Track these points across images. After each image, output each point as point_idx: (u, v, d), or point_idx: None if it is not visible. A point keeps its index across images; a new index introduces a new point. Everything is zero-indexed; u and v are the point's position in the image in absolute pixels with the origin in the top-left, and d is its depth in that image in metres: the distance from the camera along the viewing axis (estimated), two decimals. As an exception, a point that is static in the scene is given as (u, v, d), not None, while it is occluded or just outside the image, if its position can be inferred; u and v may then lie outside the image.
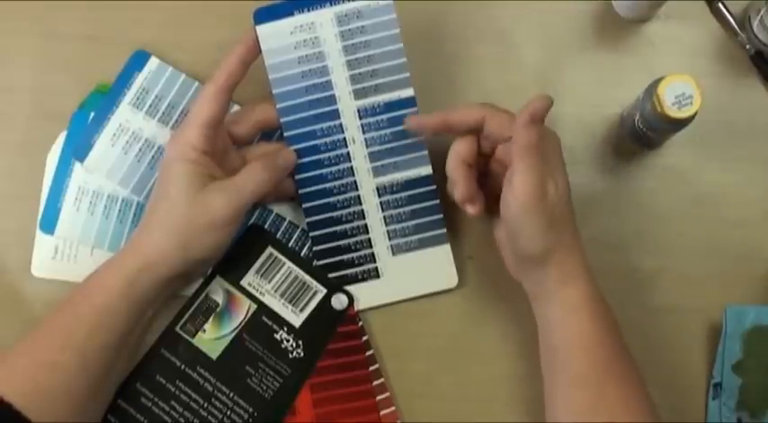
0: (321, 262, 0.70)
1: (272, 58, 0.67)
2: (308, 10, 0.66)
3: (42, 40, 0.74)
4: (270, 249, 0.70)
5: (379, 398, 0.69)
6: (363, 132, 0.68)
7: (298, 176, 0.69)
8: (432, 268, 0.70)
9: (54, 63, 0.74)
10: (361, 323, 0.70)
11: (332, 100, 0.67)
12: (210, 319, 0.69)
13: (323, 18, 0.67)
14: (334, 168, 0.68)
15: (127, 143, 0.71)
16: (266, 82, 0.68)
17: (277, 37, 0.67)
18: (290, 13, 0.67)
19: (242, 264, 0.70)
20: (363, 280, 0.70)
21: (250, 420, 0.68)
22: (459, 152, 0.65)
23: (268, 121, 0.68)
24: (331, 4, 0.66)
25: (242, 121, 0.68)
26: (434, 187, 0.70)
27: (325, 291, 0.70)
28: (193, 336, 0.69)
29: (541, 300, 0.64)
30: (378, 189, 0.69)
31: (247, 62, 0.66)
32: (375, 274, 0.70)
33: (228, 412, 0.68)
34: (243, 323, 0.69)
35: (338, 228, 0.69)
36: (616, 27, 0.76)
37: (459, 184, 0.64)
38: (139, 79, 0.72)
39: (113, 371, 0.64)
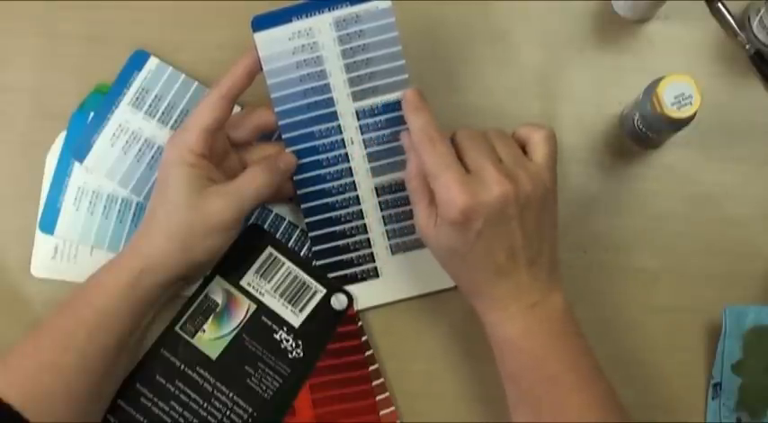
0: (320, 262, 0.70)
1: (270, 63, 0.67)
2: (307, 16, 0.66)
3: (42, 40, 0.74)
4: (269, 249, 0.71)
5: (378, 398, 0.69)
6: (362, 133, 0.68)
7: (296, 177, 0.69)
8: (431, 268, 0.69)
9: (54, 63, 0.74)
10: (360, 323, 0.70)
11: (330, 102, 0.67)
12: (210, 319, 0.69)
13: (321, 23, 0.66)
14: (332, 169, 0.68)
15: (126, 143, 0.71)
16: (265, 83, 0.68)
17: (275, 43, 0.66)
18: (289, 20, 0.66)
19: (242, 264, 0.70)
20: (363, 280, 0.70)
21: (250, 420, 0.68)
22: None
23: (267, 125, 0.68)
24: (330, 10, 0.66)
25: (241, 125, 0.68)
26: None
27: (324, 291, 0.70)
28: (193, 336, 0.69)
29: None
30: (376, 189, 0.69)
31: (253, 73, 0.66)
32: (374, 273, 0.70)
33: (228, 412, 0.68)
34: (242, 323, 0.69)
35: (337, 228, 0.69)
36: (616, 27, 0.76)
37: None
38: (139, 79, 0.72)
39: (113, 372, 0.64)
